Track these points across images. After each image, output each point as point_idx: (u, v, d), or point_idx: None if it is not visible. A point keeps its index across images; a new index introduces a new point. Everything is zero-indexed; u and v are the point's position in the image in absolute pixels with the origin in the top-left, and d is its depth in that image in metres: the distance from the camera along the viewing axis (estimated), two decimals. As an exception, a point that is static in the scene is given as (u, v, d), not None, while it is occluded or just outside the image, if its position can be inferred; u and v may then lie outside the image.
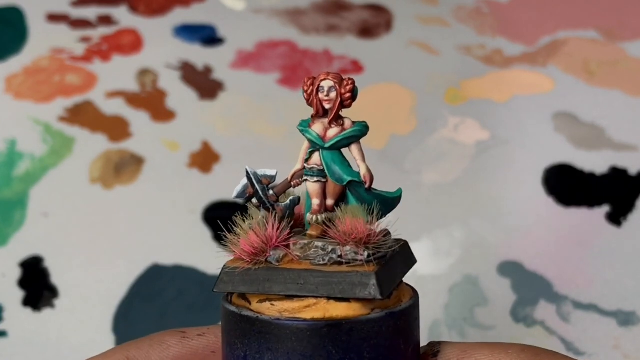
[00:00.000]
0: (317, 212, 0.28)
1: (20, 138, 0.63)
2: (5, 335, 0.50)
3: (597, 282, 0.54)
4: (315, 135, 0.28)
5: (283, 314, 0.26)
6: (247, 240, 0.27)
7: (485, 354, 0.28)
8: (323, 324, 0.26)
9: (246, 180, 0.28)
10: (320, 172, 0.28)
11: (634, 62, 0.72)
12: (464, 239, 0.56)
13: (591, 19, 0.77)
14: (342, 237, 0.27)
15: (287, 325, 0.26)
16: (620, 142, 0.63)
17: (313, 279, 0.26)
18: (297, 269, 0.27)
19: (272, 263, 0.27)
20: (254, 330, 0.26)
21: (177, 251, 0.55)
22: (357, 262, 0.27)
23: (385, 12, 0.78)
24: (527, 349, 0.28)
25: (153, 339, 0.30)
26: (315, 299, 0.26)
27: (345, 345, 0.26)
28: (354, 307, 0.26)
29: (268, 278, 0.27)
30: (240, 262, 0.27)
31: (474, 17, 0.78)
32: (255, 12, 0.77)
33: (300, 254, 0.27)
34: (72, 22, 0.74)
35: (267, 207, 0.28)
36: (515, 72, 0.71)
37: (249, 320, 0.27)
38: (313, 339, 0.26)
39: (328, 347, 0.26)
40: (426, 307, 0.52)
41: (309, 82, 0.28)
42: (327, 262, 0.27)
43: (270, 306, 0.27)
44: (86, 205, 0.58)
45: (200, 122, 0.65)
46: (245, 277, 0.27)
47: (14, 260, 0.54)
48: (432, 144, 0.64)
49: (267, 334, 0.26)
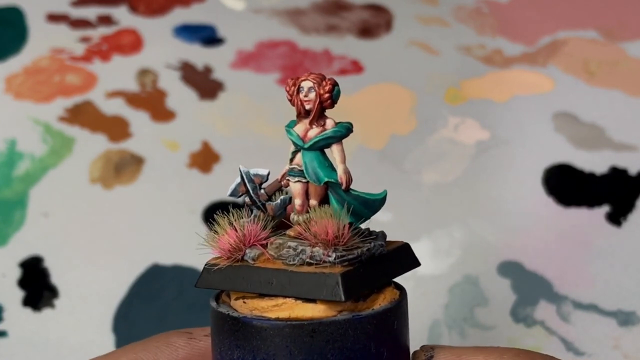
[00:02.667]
0: (299, 212, 0.29)
1: (20, 138, 0.63)
2: (5, 335, 0.50)
3: (597, 282, 0.54)
4: (296, 136, 0.29)
5: (253, 312, 0.27)
6: (225, 239, 0.28)
7: (480, 358, 0.27)
8: (284, 324, 0.26)
9: (240, 179, 0.29)
10: (300, 172, 0.29)
11: (634, 62, 0.72)
12: (464, 239, 0.56)
13: (591, 19, 0.77)
14: (312, 238, 0.27)
15: (253, 324, 0.26)
16: (620, 142, 0.63)
17: (282, 278, 0.27)
18: (269, 268, 0.27)
19: (247, 261, 0.28)
20: (226, 326, 0.27)
21: (177, 251, 0.55)
22: (325, 263, 0.27)
23: (385, 12, 0.78)
24: (522, 354, 0.27)
25: (159, 340, 0.30)
26: (283, 299, 0.27)
27: (308, 347, 0.26)
28: (320, 309, 0.26)
29: (243, 276, 0.27)
30: (220, 260, 0.28)
31: (474, 17, 0.78)
32: (255, 12, 0.77)
33: (274, 254, 0.28)
34: (72, 22, 0.74)
35: (258, 206, 0.29)
36: (515, 72, 0.71)
37: (222, 317, 0.27)
38: (275, 339, 0.26)
39: (290, 347, 0.26)
40: (426, 307, 0.52)
41: (292, 82, 0.29)
42: (297, 262, 0.27)
43: (242, 304, 0.27)
44: (86, 205, 0.58)
45: (200, 122, 0.65)
46: (224, 275, 0.28)
47: (14, 260, 0.54)
48: (432, 144, 0.64)
49: (236, 331, 0.27)
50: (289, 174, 0.29)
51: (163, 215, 0.58)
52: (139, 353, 0.30)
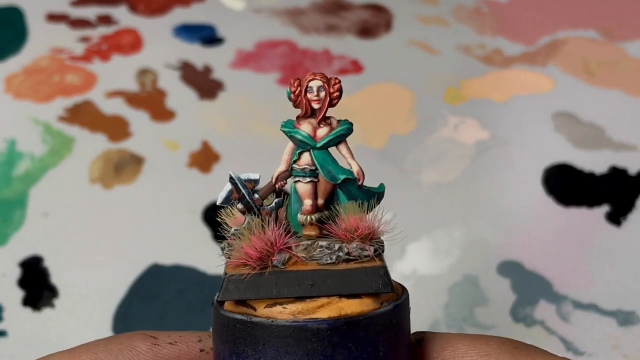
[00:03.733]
0: (310, 212, 0.28)
1: (20, 138, 0.63)
2: (5, 335, 0.50)
3: (597, 282, 0.54)
4: (307, 136, 0.28)
5: (298, 316, 0.26)
6: (251, 245, 0.27)
7: (466, 344, 0.28)
8: (343, 321, 0.26)
9: (231, 186, 0.28)
10: (312, 173, 0.28)
11: (634, 62, 0.72)
12: (464, 239, 0.56)
13: (591, 19, 0.77)
14: (347, 234, 0.27)
15: (307, 327, 0.26)
16: (620, 142, 0.63)
17: (323, 278, 0.26)
18: (305, 270, 0.27)
19: (278, 267, 0.27)
20: (269, 335, 0.26)
21: (177, 251, 0.55)
22: (364, 258, 0.27)
23: (385, 12, 0.78)
24: (507, 342, 0.28)
25: (123, 342, 0.30)
26: (327, 299, 0.26)
27: (364, 341, 0.26)
28: (366, 303, 0.27)
29: (276, 282, 0.27)
30: (244, 269, 0.27)
31: (474, 17, 0.78)
32: (255, 12, 0.77)
33: (305, 255, 0.27)
34: (72, 22, 0.74)
35: (254, 211, 0.28)
36: (515, 72, 0.71)
37: (263, 327, 0.26)
38: (334, 338, 0.26)
39: (349, 344, 0.26)
40: (426, 307, 0.52)
41: (296, 83, 0.28)
42: (335, 260, 0.27)
43: (282, 310, 0.26)
44: (86, 205, 0.58)
45: (200, 122, 0.65)
46: (253, 283, 0.27)
47: (14, 260, 0.54)
48: (432, 144, 0.64)
49: (285, 337, 0.26)
50: (297, 175, 0.29)
51: (163, 215, 0.58)
52: (100, 353, 0.29)
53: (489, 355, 0.27)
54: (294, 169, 0.29)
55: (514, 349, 0.28)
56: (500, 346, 0.28)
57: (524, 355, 0.27)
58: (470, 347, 0.28)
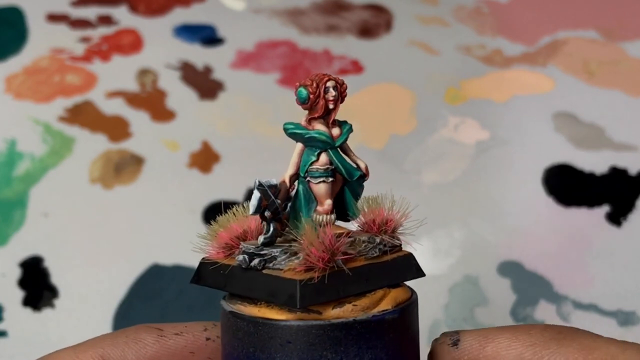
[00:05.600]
0: (329, 211, 0.28)
1: (20, 138, 0.63)
2: (5, 335, 0.50)
3: (597, 282, 0.54)
4: (328, 135, 0.28)
5: (369, 311, 0.26)
6: (317, 249, 0.26)
7: (507, 336, 0.28)
8: (400, 309, 0.27)
9: (259, 194, 0.27)
10: (332, 172, 0.28)
11: (634, 62, 0.72)
12: (464, 239, 0.56)
13: (591, 19, 0.77)
14: (379, 227, 0.28)
15: (385, 319, 0.26)
16: (620, 142, 0.63)
17: (375, 272, 0.27)
18: (360, 266, 0.27)
19: (340, 266, 0.27)
20: (351, 334, 0.26)
21: (177, 251, 0.55)
22: (395, 248, 0.28)
23: (385, 12, 0.78)
24: (549, 328, 0.28)
25: (128, 335, 0.29)
26: (382, 290, 0.27)
27: (415, 323, 0.28)
28: (406, 290, 0.28)
29: (342, 281, 0.27)
30: (311, 273, 0.26)
31: (474, 17, 0.78)
32: (255, 12, 0.77)
33: (354, 251, 0.27)
34: (72, 22, 0.74)
35: (280, 217, 0.28)
36: (515, 72, 0.71)
37: (346, 326, 0.26)
38: (400, 325, 0.27)
39: (413, 326, 0.27)
40: (426, 307, 0.52)
41: (314, 84, 0.28)
42: (378, 253, 0.28)
43: (353, 307, 0.26)
44: (86, 205, 0.58)
45: (200, 122, 0.65)
46: (319, 288, 0.26)
47: (14, 260, 0.54)
48: (432, 144, 0.64)
49: (366, 333, 0.26)
50: (318, 176, 0.28)
51: (163, 215, 0.58)
52: (106, 348, 0.29)
53: (534, 345, 0.27)
54: (310, 170, 0.28)
55: (557, 334, 0.27)
56: (542, 333, 0.27)
57: (569, 338, 0.27)
58: (512, 340, 0.28)
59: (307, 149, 0.28)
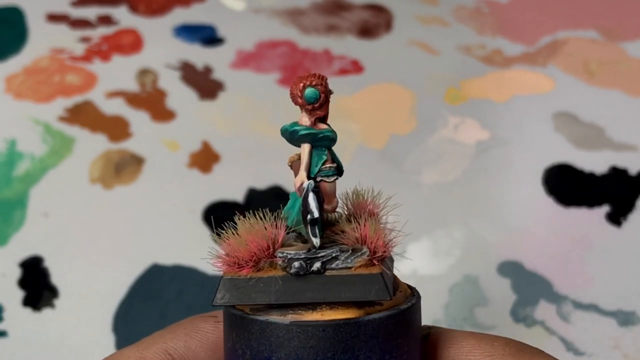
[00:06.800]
0: (336, 209, 0.28)
1: (20, 138, 0.63)
2: (5, 335, 0.50)
3: (597, 282, 0.54)
4: (335, 133, 0.28)
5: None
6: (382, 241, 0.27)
7: (471, 342, 0.28)
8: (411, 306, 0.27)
9: (315, 196, 0.27)
10: (338, 170, 0.28)
11: (634, 62, 0.72)
12: (464, 239, 0.56)
13: (591, 19, 0.77)
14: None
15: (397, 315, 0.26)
16: (620, 142, 0.63)
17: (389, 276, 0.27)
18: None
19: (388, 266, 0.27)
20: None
21: (177, 251, 0.55)
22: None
23: (385, 12, 0.78)
24: (511, 343, 0.28)
25: (187, 327, 0.29)
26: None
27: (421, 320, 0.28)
28: (407, 287, 0.28)
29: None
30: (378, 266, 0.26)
31: (474, 17, 0.78)
32: (255, 12, 0.77)
33: None
34: (72, 22, 0.74)
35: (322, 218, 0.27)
36: (515, 72, 0.71)
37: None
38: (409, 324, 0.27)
39: (419, 323, 0.28)
40: (426, 307, 0.52)
41: (324, 82, 0.28)
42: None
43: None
44: (86, 205, 0.58)
45: (200, 122, 0.65)
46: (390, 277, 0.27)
47: (14, 260, 0.54)
48: (432, 144, 0.64)
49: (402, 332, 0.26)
50: (330, 175, 0.28)
51: (163, 215, 0.58)
52: (169, 342, 0.29)
53: (493, 356, 0.27)
54: (323, 169, 0.28)
55: (517, 351, 0.27)
56: (504, 347, 0.28)
57: (526, 358, 0.27)
58: (475, 346, 0.28)
59: (314, 149, 0.28)
